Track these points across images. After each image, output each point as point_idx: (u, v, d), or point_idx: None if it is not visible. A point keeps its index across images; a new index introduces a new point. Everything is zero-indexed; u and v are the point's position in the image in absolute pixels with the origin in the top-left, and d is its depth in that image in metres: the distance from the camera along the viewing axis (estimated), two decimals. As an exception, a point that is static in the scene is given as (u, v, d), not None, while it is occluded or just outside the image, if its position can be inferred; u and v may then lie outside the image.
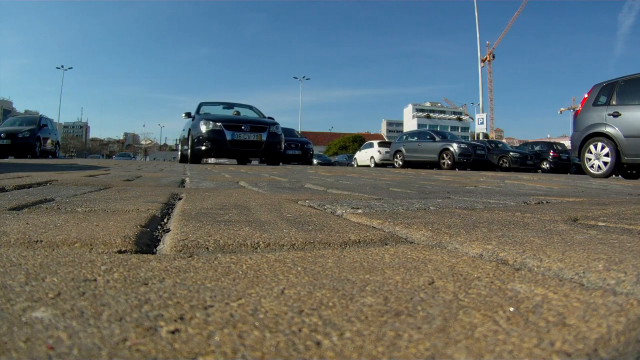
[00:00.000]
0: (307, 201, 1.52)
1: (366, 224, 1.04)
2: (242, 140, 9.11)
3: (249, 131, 9.24)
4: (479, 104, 38.80)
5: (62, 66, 52.54)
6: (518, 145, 28.02)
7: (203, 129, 9.01)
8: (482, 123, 29.63)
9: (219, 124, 9.05)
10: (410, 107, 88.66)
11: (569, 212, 1.35)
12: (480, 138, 27.87)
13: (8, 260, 0.61)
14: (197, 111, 10.22)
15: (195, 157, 9.33)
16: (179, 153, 11.47)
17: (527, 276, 0.59)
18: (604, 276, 0.58)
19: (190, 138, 9.33)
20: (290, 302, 0.46)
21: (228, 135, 8.97)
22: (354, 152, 25.61)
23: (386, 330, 0.39)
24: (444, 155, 13.87)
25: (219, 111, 10.67)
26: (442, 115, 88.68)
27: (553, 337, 0.38)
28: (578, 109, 7.45)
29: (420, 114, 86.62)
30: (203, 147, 8.98)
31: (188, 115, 10.14)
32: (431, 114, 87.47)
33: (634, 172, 7.18)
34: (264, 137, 9.33)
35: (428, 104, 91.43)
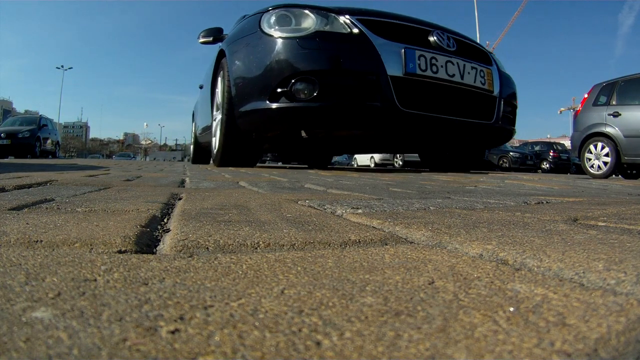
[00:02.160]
0: (307, 201, 1.52)
1: (366, 224, 1.04)
2: (445, 84, 3.14)
3: (458, 54, 3.24)
4: (479, 104, 38.77)
5: (62, 66, 52.75)
6: (518, 145, 28.00)
7: (278, 48, 2.96)
8: (482, 123, 29.57)
9: (353, 18, 3.03)
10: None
11: (569, 212, 1.35)
12: (480, 138, 27.80)
13: (8, 260, 0.61)
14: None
15: (239, 147, 3.45)
16: (191, 145, 6.60)
17: (527, 276, 0.59)
18: (604, 276, 0.58)
19: (224, 90, 3.43)
20: (290, 302, 0.46)
21: (393, 65, 2.94)
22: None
23: (386, 330, 0.39)
24: (444, 155, 13.84)
25: None
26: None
27: (553, 337, 0.38)
28: (578, 109, 7.47)
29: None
30: (280, 105, 2.96)
31: (216, 35, 4.13)
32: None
33: (634, 172, 7.18)
34: (496, 83, 3.53)
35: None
